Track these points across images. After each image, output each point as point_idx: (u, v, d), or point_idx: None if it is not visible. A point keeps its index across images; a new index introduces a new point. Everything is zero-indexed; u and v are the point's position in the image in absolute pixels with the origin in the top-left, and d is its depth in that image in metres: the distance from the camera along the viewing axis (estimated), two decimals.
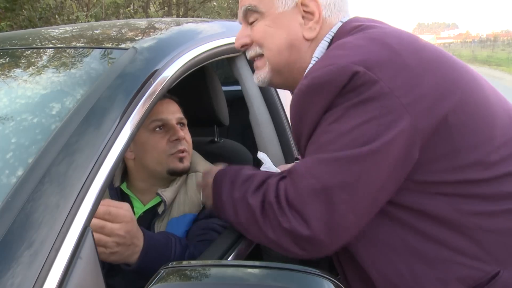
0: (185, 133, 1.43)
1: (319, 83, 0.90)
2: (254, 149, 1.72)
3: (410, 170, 0.90)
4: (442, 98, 0.89)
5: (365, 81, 0.86)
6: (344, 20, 1.07)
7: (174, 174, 1.40)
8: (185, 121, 1.46)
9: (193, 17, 11.11)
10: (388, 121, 0.86)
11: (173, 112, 1.42)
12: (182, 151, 1.39)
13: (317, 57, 1.05)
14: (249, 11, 1.09)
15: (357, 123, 0.87)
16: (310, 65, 1.05)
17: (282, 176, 0.98)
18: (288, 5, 1.05)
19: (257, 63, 1.13)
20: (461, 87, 0.93)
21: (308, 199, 0.88)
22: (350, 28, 1.02)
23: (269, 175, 1.01)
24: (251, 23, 1.10)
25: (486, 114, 0.95)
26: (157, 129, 1.39)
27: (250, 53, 1.13)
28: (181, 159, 1.39)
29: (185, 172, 1.42)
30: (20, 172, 0.79)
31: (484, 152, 0.92)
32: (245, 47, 1.13)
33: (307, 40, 1.06)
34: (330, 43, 1.04)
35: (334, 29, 1.05)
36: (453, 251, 0.92)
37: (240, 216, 0.99)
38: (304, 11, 1.05)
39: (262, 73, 1.12)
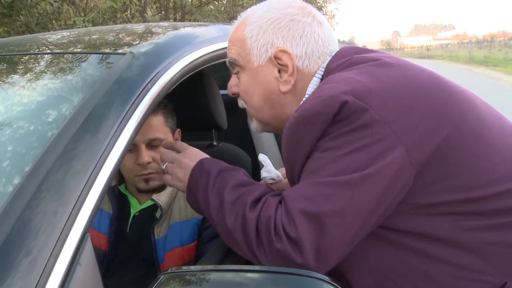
0: (158, 152, 1.32)
1: (309, 114, 0.91)
2: (252, 152, 1.72)
3: (406, 194, 0.91)
4: (435, 129, 0.90)
5: (356, 110, 0.87)
6: (334, 53, 1.07)
7: (142, 192, 1.41)
8: (162, 138, 1.36)
9: (190, 21, 11.12)
10: (380, 148, 0.86)
11: (144, 133, 1.32)
12: (147, 174, 1.36)
13: (309, 95, 1.04)
14: (231, 63, 1.11)
15: (349, 150, 0.87)
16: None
17: (281, 198, 0.94)
18: (263, 59, 1.05)
19: (248, 113, 1.16)
20: (454, 111, 0.94)
21: (301, 223, 0.86)
22: (337, 65, 1.02)
23: (267, 190, 0.98)
24: (237, 73, 1.11)
25: (480, 133, 0.96)
26: None
27: (240, 103, 1.15)
28: (146, 180, 1.37)
29: (153, 190, 1.39)
30: (17, 180, 0.79)
31: (482, 171, 0.93)
32: (236, 95, 1.14)
33: (283, 93, 1.06)
34: (322, 79, 1.04)
35: (325, 64, 1.05)
36: (459, 268, 0.93)
37: (228, 221, 0.94)
38: (279, 63, 1.04)
39: (253, 124, 1.15)
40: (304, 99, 1.05)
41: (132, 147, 1.34)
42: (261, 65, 1.05)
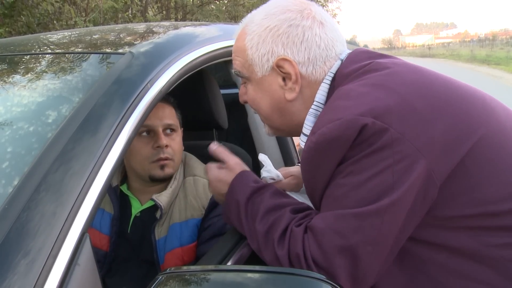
0: (172, 139, 1.40)
1: (328, 139, 0.88)
2: (253, 152, 1.71)
3: (430, 207, 0.89)
4: (458, 140, 0.88)
5: (376, 131, 0.85)
6: (343, 57, 1.03)
7: (155, 181, 1.40)
8: (175, 126, 1.43)
9: (191, 20, 11.12)
10: (403, 167, 0.84)
11: (161, 118, 1.39)
12: (164, 159, 1.37)
13: (318, 102, 1.02)
14: (237, 74, 1.09)
15: (372, 173, 0.85)
16: (312, 110, 1.03)
17: (305, 225, 0.94)
18: (265, 69, 1.02)
19: (260, 119, 1.15)
20: (478, 121, 0.91)
21: (334, 257, 0.87)
22: (350, 71, 0.99)
23: (291, 218, 0.97)
24: (244, 83, 1.10)
25: (502, 143, 0.93)
26: (144, 133, 1.38)
27: (252, 110, 1.14)
28: (162, 167, 1.38)
29: (167, 178, 1.41)
30: (16, 181, 0.79)
31: (504, 183, 0.90)
32: (247, 103, 1.13)
33: (290, 101, 1.03)
34: (332, 85, 1.01)
35: (334, 69, 1.02)
36: (479, 283, 0.91)
37: (264, 251, 0.97)
38: (281, 72, 1.01)
39: (266, 129, 1.16)
40: (313, 106, 1.03)
41: (147, 130, 1.37)
42: (265, 75, 1.03)
